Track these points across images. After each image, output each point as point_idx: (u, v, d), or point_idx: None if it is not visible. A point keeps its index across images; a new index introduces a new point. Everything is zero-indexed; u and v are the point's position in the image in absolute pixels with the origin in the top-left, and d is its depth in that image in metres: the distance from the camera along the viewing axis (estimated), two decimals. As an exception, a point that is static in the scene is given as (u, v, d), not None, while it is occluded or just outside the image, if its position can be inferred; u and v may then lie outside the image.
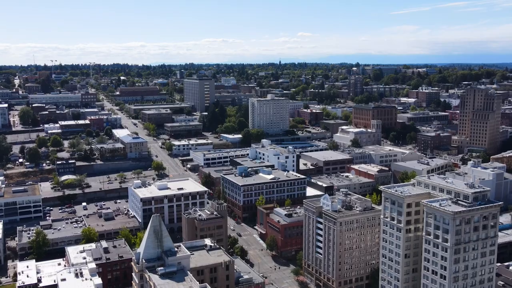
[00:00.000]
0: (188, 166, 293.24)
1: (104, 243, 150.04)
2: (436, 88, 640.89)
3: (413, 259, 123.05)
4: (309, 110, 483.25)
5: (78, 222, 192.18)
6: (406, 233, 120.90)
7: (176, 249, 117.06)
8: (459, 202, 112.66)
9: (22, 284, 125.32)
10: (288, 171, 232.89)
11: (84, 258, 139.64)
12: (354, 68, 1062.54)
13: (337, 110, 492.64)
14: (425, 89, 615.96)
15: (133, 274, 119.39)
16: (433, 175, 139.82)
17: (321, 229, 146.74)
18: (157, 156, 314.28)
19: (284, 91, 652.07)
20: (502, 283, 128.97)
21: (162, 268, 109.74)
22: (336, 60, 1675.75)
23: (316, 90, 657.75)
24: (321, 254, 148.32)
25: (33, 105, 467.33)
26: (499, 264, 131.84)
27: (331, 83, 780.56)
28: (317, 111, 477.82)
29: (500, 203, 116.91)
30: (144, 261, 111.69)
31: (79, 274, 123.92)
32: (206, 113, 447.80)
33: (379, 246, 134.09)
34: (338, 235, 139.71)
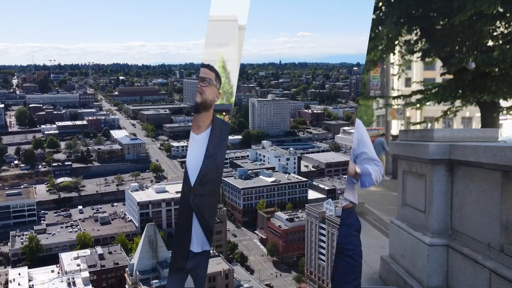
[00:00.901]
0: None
1: (99, 249, 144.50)
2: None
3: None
4: (310, 111, 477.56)
5: (73, 227, 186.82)
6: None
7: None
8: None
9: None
10: (289, 174, 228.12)
11: (78, 265, 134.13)
12: (355, 68, 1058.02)
13: (338, 111, 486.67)
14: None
15: (126, 286, 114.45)
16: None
17: (324, 235, 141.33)
18: (157, 160, 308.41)
19: (285, 91, 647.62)
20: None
21: (157, 281, 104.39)
22: (336, 60, 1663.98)
23: (317, 90, 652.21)
24: (324, 261, 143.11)
25: (30, 105, 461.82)
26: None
27: (332, 83, 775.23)
28: (318, 111, 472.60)
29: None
30: (138, 273, 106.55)
31: (71, 283, 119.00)
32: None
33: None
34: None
